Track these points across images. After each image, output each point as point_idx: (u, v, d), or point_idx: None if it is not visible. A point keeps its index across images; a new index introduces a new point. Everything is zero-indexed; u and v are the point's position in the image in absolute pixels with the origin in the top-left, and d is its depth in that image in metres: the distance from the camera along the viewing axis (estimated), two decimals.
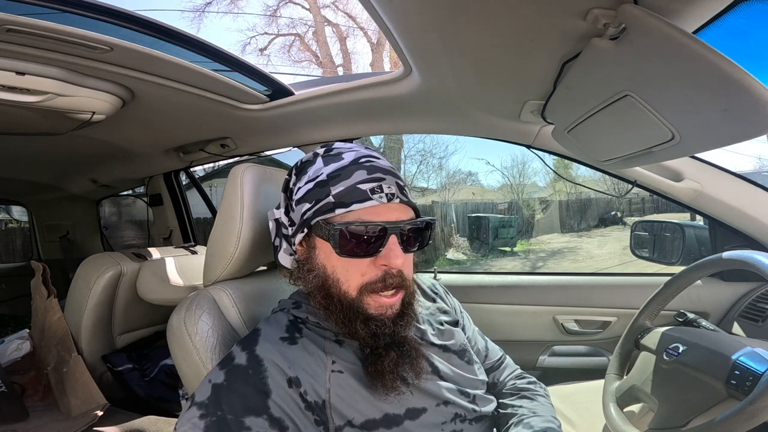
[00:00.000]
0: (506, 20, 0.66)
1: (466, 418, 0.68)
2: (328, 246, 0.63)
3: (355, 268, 0.63)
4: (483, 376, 0.77)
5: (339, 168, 0.64)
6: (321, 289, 0.65)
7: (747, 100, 0.51)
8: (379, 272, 0.62)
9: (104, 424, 1.22)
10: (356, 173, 0.63)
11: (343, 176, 0.63)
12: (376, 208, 0.62)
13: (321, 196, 0.63)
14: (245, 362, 0.61)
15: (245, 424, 0.56)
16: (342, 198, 0.61)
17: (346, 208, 0.61)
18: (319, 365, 0.63)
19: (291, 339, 0.65)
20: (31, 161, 2.02)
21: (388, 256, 0.61)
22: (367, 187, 0.62)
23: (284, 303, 0.74)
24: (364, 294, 0.63)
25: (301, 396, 0.60)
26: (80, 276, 1.45)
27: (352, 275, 0.63)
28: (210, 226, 0.88)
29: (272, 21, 12.23)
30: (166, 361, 1.54)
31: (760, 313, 1.09)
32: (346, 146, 0.69)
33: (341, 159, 0.65)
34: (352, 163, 0.64)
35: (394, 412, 0.62)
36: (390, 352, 0.63)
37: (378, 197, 0.61)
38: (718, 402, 0.71)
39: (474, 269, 7.94)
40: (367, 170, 0.63)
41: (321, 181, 0.64)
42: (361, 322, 0.62)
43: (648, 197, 10.23)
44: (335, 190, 0.62)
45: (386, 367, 0.62)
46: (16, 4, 0.76)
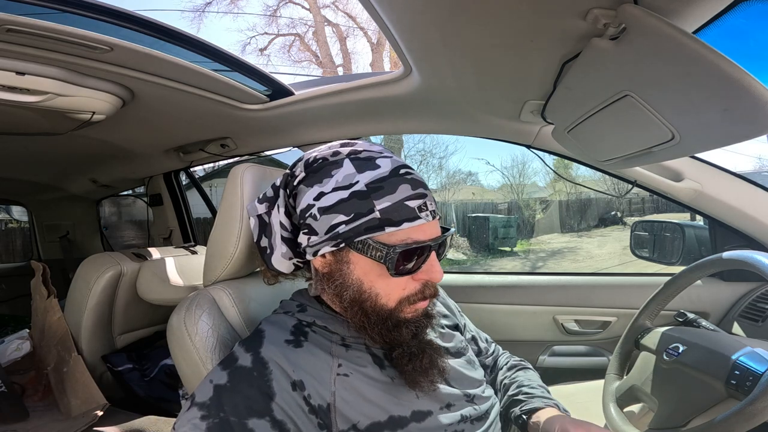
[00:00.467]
0: (506, 20, 0.66)
1: (469, 419, 0.68)
2: (367, 262, 0.61)
3: (396, 284, 0.62)
4: (481, 374, 0.78)
5: (379, 178, 0.60)
6: (355, 303, 0.63)
7: (747, 100, 0.51)
8: (418, 285, 0.63)
9: (104, 424, 1.22)
10: (401, 187, 0.60)
11: (386, 189, 0.59)
12: (420, 228, 0.60)
13: (362, 210, 0.58)
14: (250, 364, 0.60)
15: (248, 426, 0.55)
16: (389, 215, 0.58)
17: (396, 226, 0.58)
18: (324, 369, 0.63)
19: (296, 342, 0.64)
20: (31, 161, 2.02)
21: (430, 271, 0.62)
22: (414, 204, 0.59)
23: (287, 305, 0.73)
24: (403, 305, 0.63)
25: (305, 399, 0.59)
26: (80, 276, 1.45)
27: (393, 290, 0.62)
28: (210, 226, 0.88)
29: (272, 21, 12.25)
30: (166, 361, 1.54)
31: (760, 313, 1.09)
32: (374, 149, 0.64)
33: (377, 166, 0.61)
34: (392, 174, 0.60)
35: (400, 415, 0.62)
36: (425, 350, 0.64)
37: (425, 215, 0.60)
38: (718, 402, 0.71)
39: (474, 269, 7.94)
40: (410, 185, 0.60)
41: (360, 192, 0.59)
42: (403, 328, 0.63)
43: (648, 197, 10.23)
44: (380, 205, 0.58)
45: (424, 365, 0.63)
46: (16, 4, 0.76)
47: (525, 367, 0.90)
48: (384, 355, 0.67)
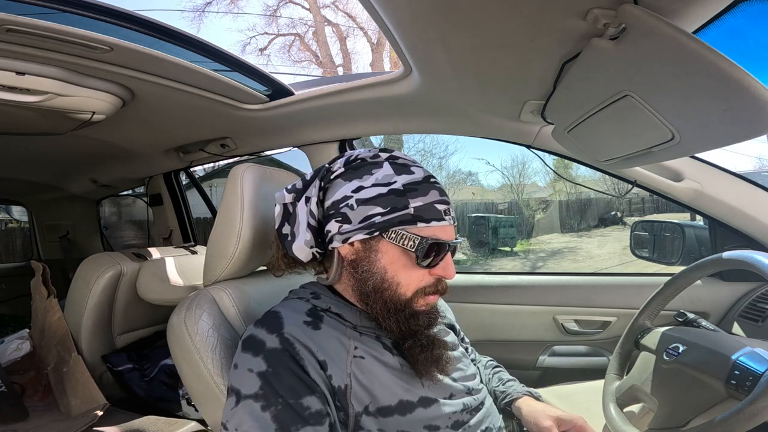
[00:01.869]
0: (506, 20, 0.66)
1: (468, 408, 0.71)
2: (396, 251, 0.67)
3: (417, 275, 0.68)
4: (474, 369, 0.82)
5: (414, 182, 0.68)
6: (377, 291, 0.68)
7: (747, 100, 0.51)
8: (433, 280, 0.69)
9: (104, 424, 1.22)
10: (431, 192, 0.68)
11: (420, 192, 0.67)
12: (445, 228, 0.69)
13: (399, 205, 0.66)
14: (279, 345, 0.61)
15: (305, 405, 0.58)
16: (422, 213, 0.66)
17: (426, 223, 0.66)
18: (341, 351, 0.65)
19: (314, 324, 0.66)
20: (31, 161, 2.02)
21: (446, 268, 0.69)
22: (442, 207, 0.68)
23: (300, 292, 0.74)
24: (417, 295, 0.68)
25: (328, 379, 0.62)
26: (80, 276, 1.45)
27: (413, 280, 0.68)
28: (210, 226, 0.88)
29: (272, 21, 12.24)
30: (166, 361, 1.54)
31: (760, 313, 1.09)
32: (409, 159, 0.72)
33: (412, 172, 0.69)
34: (425, 181, 0.69)
35: (409, 400, 0.65)
36: (434, 342, 0.69)
37: (449, 219, 0.69)
38: (718, 402, 0.71)
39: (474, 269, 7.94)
40: (438, 192, 0.69)
41: (397, 190, 0.66)
42: (421, 316, 0.69)
43: (648, 197, 10.22)
44: (414, 203, 0.66)
45: (435, 355, 0.68)
46: (16, 4, 0.76)
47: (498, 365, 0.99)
48: (393, 344, 0.70)
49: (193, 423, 1.24)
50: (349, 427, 0.62)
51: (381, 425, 0.63)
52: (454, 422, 0.68)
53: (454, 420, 0.68)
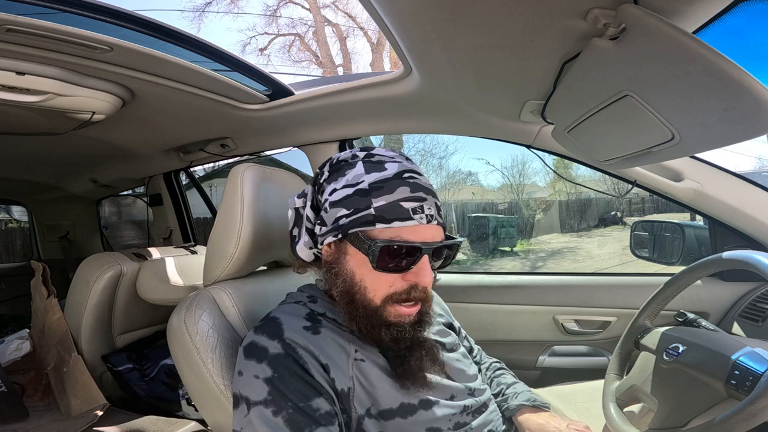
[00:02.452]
0: (506, 20, 0.66)
1: (469, 409, 0.71)
2: (361, 255, 0.64)
3: (384, 280, 0.64)
4: (475, 369, 0.82)
5: (382, 179, 0.64)
6: (346, 294, 0.66)
7: (747, 100, 0.51)
8: (406, 285, 0.64)
9: (104, 424, 1.22)
10: (399, 189, 0.63)
11: (385, 189, 0.63)
12: (417, 227, 0.63)
13: (361, 206, 0.63)
14: (282, 350, 0.62)
15: (314, 407, 0.58)
16: (383, 213, 0.62)
17: (387, 224, 0.62)
18: (342, 354, 0.65)
19: (314, 329, 0.66)
20: (31, 161, 2.02)
21: (418, 274, 0.63)
22: (409, 205, 0.62)
23: (297, 296, 0.75)
24: (387, 303, 0.64)
25: (332, 382, 0.62)
26: (80, 276, 1.45)
27: (380, 286, 0.64)
28: (210, 226, 0.88)
29: (272, 21, 12.23)
30: (166, 361, 1.54)
31: (760, 313, 1.09)
32: (388, 154, 0.68)
33: (384, 169, 0.65)
34: (395, 177, 0.64)
35: (410, 402, 0.65)
36: (414, 353, 0.65)
37: (419, 218, 0.62)
38: (718, 402, 0.71)
39: (474, 269, 7.94)
40: (410, 187, 0.63)
41: (362, 190, 0.63)
42: (384, 328, 0.64)
43: (648, 197, 10.21)
44: (377, 203, 0.62)
45: (414, 366, 0.65)
46: (16, 4, 0.76)
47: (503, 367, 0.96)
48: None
49: (193, 423, 1.24)
50: (351, 429, 0.62)
51: (382, 428, 0.63)
52: (456, 423, 0.68)
53: (455, 422, 0.68)
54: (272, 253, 0.93)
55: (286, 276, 0.96)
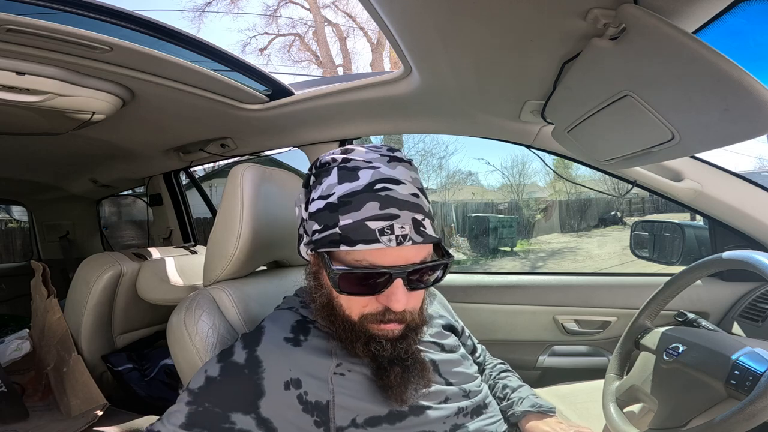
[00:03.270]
0: (506, 20, 0.66)
1: (464, 411, 0.70)
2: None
3: (356, 301, 0.61)
4: (475, 370, 0.80)
5: (351, 192, 0.57)
6: (326, 307, 0.65)
7: (747, 100, 0.51)
8: (380, 307, 0.60)
9: (104, 424, 1.22)
10: (367, 205, 0.56)
11: (353, 205, 0.56)
12: (379, 252, 0.56)
13: (329, 223, 0.58)
14: (243, 361, 0.62)
15: (230, 419, 0.58)
16: (348, 233, 0.56)
17: (351, 246, 0.56)
18: (322, 367, 0.63)
19: (295, 341, 0.65)
20: (31, 161, 2.02)
21: (389, 299, 0.58)
22: (376, 226, 0.55)
23: (291, 301, 0.74)
24: (365, 321, 0.62)
25: (299, 398, 0.61)
26: (80, 276, 1.45)
27: (354, 305, 0.61)
28: (210, 226, 0.88)
29: (272, 21, 12.23)
30: (166, 361, 1.53)
31: (760, 313, 1.09)
32: (366, 158, 0.61)
33: (356, 178, 0.58)
34: (365, 189, 0.57)
35: (399, 409, 0.63)
36: (395, 368, 0.62)
37: (387, 240, 0.55)
38: (718, 402, 0.71)
39: (474, 269, 7.94)
40: (380, 203, 0.56)
41: (331, 205, 0.58)
42: (362, 344, 0.62)
43: (648, 197, 10.21)
44: (343, 221, 0.56)
45: (392, 382, 0.61)
46: (16, 4, 0.76)
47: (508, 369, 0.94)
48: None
49: None
50: None
51: None
52: (452, 425, 0.67)
53: (451, 424, 0.67)
54: (272, 253, 0.93)
55: (286, 276, 0.96)
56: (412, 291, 0.60)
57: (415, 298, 0.63)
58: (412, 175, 0.62)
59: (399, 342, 0.62)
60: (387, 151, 0.63)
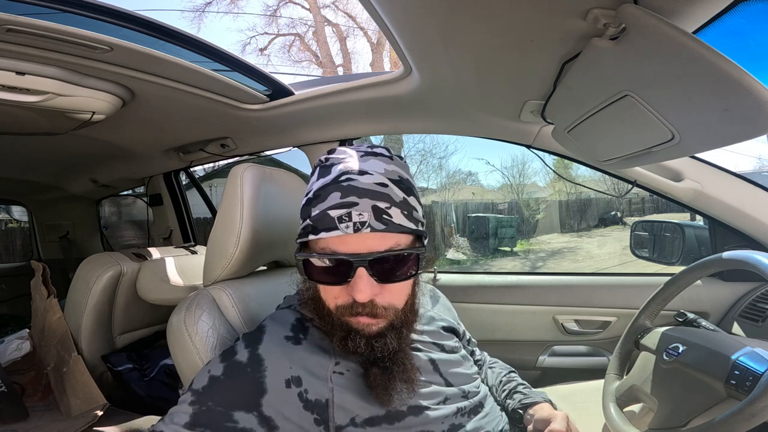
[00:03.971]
0: (506, 20, 0.66)
1: (463, 411, 0.70)
2: None
3: (329, 291, 0.63)
4: (474, 370, 0.81)
5: (322, 186, 0.60)
6: (312, 300, 0.67)
7: (747, 100, 0.51)
8: (348, 299, 0.60)
9: (104, 424, 1.22)
10: (331, 195, 0.58)
11: (321, 197, 0.59)
12: (345, 237, 0.57)
13: (305, 216, 0.62)
14: (245, 360, 0.62)
15: (233, 418, 0.58)
16: (315, 223, 0.59)
17: (316, 234, 0.59)
18: (322, 365, 0.64)
19: (295, 339, 0.66)
20: (31, 161, 2.02)
21: (353, 288, 0.58)
22: (336, 213, 0.57)
23: (291, 299, 0.75)
24: (341, 312, 0.62)
25: (299, 396, 0.61)
26: (80, 276, 1.45)
27: (328, 296, 0.64)
28: (210, 226, 0.88)
29: (272, 21, 12.24)
30: (166, 361, 1.53)
31: (760, 313, 1.09)
32: (342, 155, 0.63)
33: (329, 173, 0.61)
34: (332, 182, 0.60)
35: (398, 409, 0.64)
36: (373, 368, 0.62)
37: (344, 227, 0.56)
38: (718, 402, 0.71)
39: (474, 269, 7.94)
40: (341, 192, 0.58)
41: (309, 200, 0.62)
42: (339, 339, 0.62)
43: (648, 197, 10.21)
44: (314, 212, 0.60)
45: (373, 383, 0.62)
46: (16, 4, 0.76)
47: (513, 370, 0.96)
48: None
49: None
50: None
51: None
52: (450, 425, 0.67)
53: (449, 423, 0.67)
54: (272, 253, 0.93)
55: (286, 276, 0.96)
56: (384, 284, 0.60)
57: (391, 292, 0.62)
58: (387, 167, 0.62)
59: (375, 340, 0.61)
60: (366, 148, 0.65)
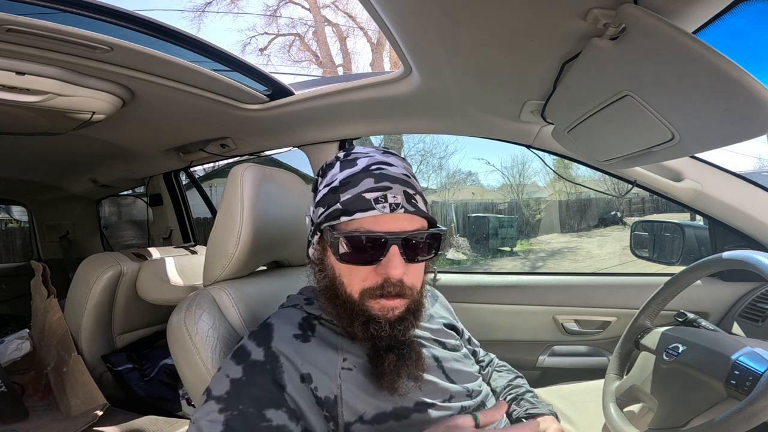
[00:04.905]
0: (506, 20, 0.66)
1: (468, 410, 0.71)
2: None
3: (356, 274, 0.64)
4: (476, 369, 0.82)
5: (351, 175, 0.65)
6: (328, 289, 0.67)
7: (747, 100, 0.51)
8: (379, 279, 0.63)
9: (104, 424, 1.22)
10: (364, 181, 0.63)
11: (351, 184, 0.64)
12: (380, 217, 0.62)
13: (332, 202, 0.65)
14: (263, 357, 0.63)
15: (266, 417, 0.57)
16: (347, 206, 0.63)
17: (349, 216, 0.62)
18: (330, 362, 0.65)
19: (303, 336, 0.67)
20: (31, 161, 2.02)
21: (386, 265, 0.61)
22: (371, 196, 0.62)
23: (295, 299, 0.75)
24: (365, 298, 0.64)
25: (311, 392, 0.62)
26: (80, 276, 1.45)
27: (354, 279, 0.64)
28: (210, 226, 0.88)
29: (272, 21, 12.23)
30: (166, 361, 1.54)
31: (760, 313, 1.09)
32: (363, 151, 0.69)
33: (355, 165, 0.66)
34: (362, 171, 0.65)
35: (404, 405, 0.64)
36: (389, 354, 0.63)
37: (381, 207, 0.61)
38: (718, 402, 0.71)
39: (474, 269, 7.94)
40: (374, 178, 0.64)
41: (334, 187, 0.66)
42: (360, 324, 0.63)
43: (648, 197, 10.21)
44: (343, 197, 0.63)
45: (386, 369, 0.63)
46: (16, 4, 0.76)
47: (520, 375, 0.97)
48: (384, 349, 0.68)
49: None
50: None
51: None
52: None
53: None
54: (272, 253, 0.93)
55: (286, 276, 0.96)
56: (409, 263, 0.63)
57: (414, 273, 0.65)
58: (404, 165, 0.70)
59: (398, 323, 0.64)
60: (382, 149, 0.72)
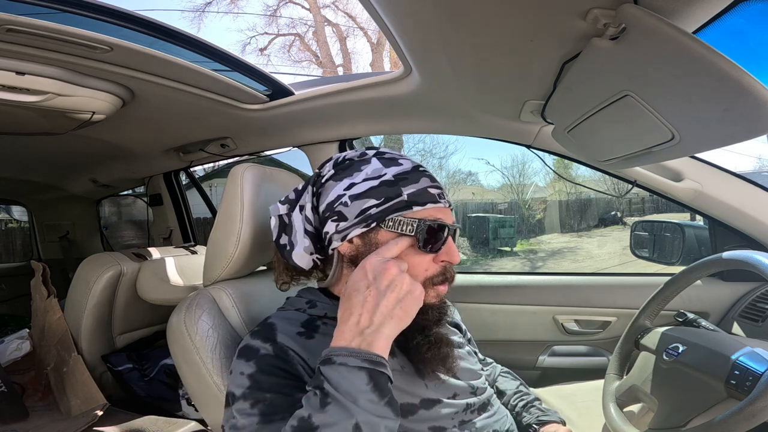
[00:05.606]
0: (506, 20, 0.66)
1: (472, 407, 0.71)
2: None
3: (419, 264, 0.66)
4: (479, 366, 0.82)
5: (404, 172, 0.68)
6: None
7: (747, 100, 0.51)
8: (439, 267, 0.68)
9: (104, 424, 1.22)
10: (423, 179, 0.68)
11: (410, 180, 0.68)
12: (442, 210, 0.68)
13: (392, 194, 0.66)
14: (272, 351, 0.63)
15: (296, 397, 0.57)
16: (416, 198, 0.66)
17: (421, 206, 0.66)
18: None
19: (307, 334, 0.67)
20: (31, 161, 2.02)
21: (450, 253, 0.68)
22: (435, 191, 0.68)
23: (296, 302, 0.74)
24: (427, 287, 0.66)
25: None
26: (80, 276, 1.45)
27: (418, 271, 0.66)
28: (210, 226, 0.88)
29: (272, 21, 12.24)
30: (166, 361, 1.54)
31: (760, 313, 1.09)
32: (395, 152, 0.73)
33: (400, 164, 0.69)
34: (414, 170, 0.69)
35: (410, 402, 0.65)
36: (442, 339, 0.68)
37: (444, 202, 0.69)
38: (718, 402, 0.71)
39: (474, 269, 7.94)
40: (429, 179, 0.70)
41: (388, 181, 0.67)
42: (429, 311, 0.67)
43: (648, 197, 10.21)
44: (407, 190, 0.66)
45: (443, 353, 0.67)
46: (16, 4, 0.76)
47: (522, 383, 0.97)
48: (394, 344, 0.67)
49: (193, 423, 1.24)
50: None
51: None
52: (460, 422, 0.68)
53: (459, 419, 0.68)
54: (272, 253, 0.93)
55: None
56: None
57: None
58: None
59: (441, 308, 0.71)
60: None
